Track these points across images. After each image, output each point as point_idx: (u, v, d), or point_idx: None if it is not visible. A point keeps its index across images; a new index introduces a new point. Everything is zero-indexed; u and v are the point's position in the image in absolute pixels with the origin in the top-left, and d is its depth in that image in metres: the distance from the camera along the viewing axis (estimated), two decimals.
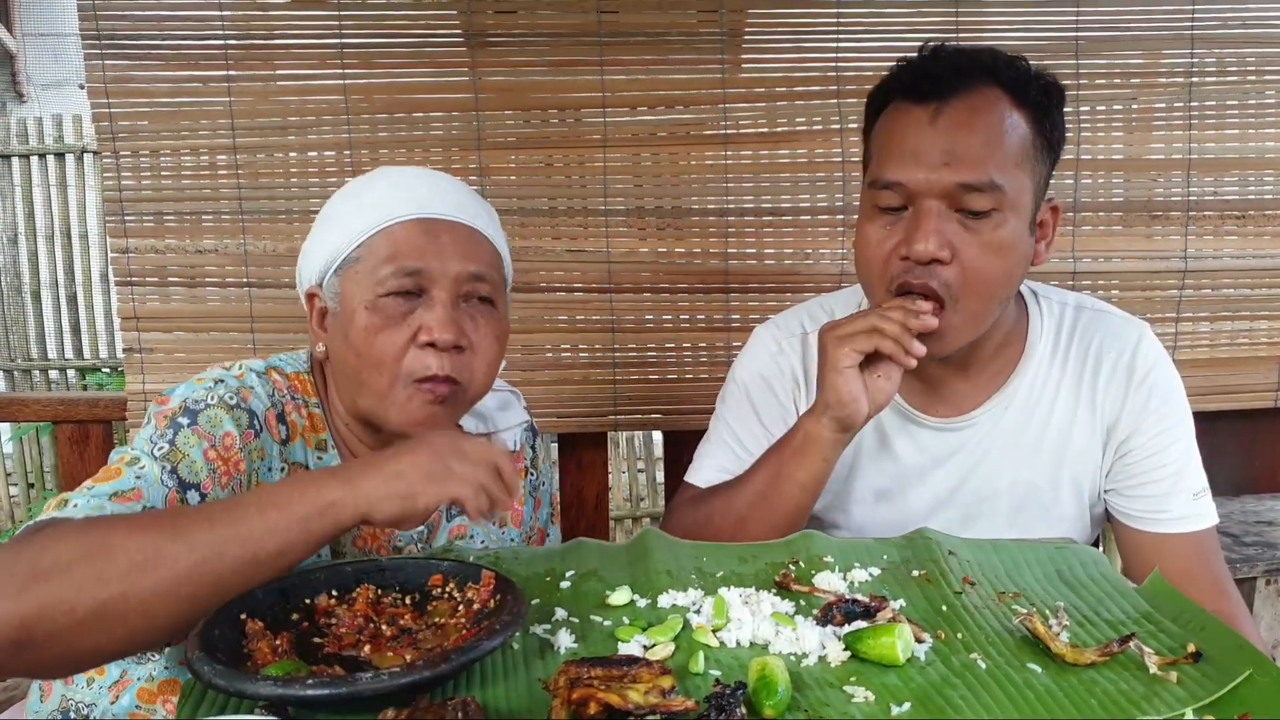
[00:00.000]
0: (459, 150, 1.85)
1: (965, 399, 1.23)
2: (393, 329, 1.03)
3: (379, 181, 1.10)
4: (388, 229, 1.04)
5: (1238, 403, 1.99)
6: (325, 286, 1.08)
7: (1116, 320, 1.25)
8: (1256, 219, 1.95)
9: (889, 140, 1.12)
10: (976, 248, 1.08)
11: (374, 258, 1.04)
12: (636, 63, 1.85)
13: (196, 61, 1.80)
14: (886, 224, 1.12)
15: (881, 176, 1.11)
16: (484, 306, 1.08)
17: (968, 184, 1.06)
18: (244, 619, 0.87)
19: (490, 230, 1.11)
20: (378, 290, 1.03)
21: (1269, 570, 1.85)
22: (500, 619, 0.83)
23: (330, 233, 1.08)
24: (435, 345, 1.02)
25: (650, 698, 0.73)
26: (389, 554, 1.15)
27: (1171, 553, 1.17)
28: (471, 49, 1.83)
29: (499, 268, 1.11)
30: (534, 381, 1.91)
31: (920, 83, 1.10)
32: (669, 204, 1.89)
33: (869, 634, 0.85)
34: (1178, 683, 0.80)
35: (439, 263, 1.04)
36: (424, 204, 1.06)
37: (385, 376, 1.03)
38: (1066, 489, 1.24)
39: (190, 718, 0.78)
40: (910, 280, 1.09)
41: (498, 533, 1.26)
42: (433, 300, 1.04)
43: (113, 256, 1.85)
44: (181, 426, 0.98)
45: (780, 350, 1.31)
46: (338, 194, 1.11)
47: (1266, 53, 1.91)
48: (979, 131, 1.07)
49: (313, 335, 1.11)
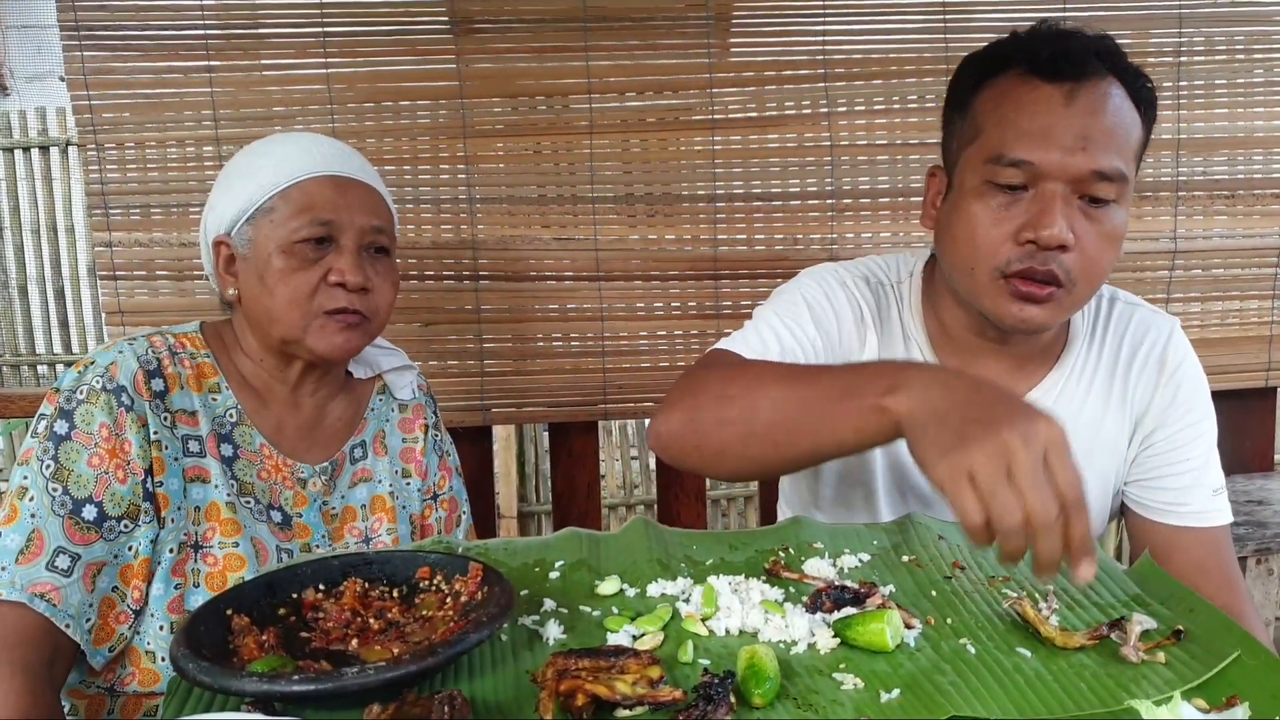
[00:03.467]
0: (445, 138, 1.83)
1: (1010, 384, 1.19)
2: (306, 270, 1.15)
3: (287, 141, 1.21)
4: (302, 183, 1.16)
5: (1228, 383, 2.00)
6: (235, 234, 1.18)
7: (1148, 314, 1.24)
8: (1246, 199, 1.95)
9: (1013, 115, 1.06)
10: (1096, 236, 1.05)
11: (289, 207, 1.15)
12: (622, 48, 1.84)
13: (177, 52, 1.77)
14: (1004, 204, 1.06)
15: (1007, 153, 1.05)
16: (382, 255, 1.22)
17: (1101, 171, 1.03)
18: (230, 615, 0.86)
19: (383, 191, 1.24)
20: (292, 236, 1.14)
21: (1259, 550, 1.86)
22: (487, 611, 0.83)
23: (242, 185, 1.17)
24: (345, 286, 1.15)
25: (638, 688, 0.73)
26: (293, 487, 1.20)
27: (1187, 546, 1.16)
28: (456, 36, 1.81)
29: (392, 225, 1.25)
30: (524, 370, 1.91)
31: (1055, 60, 1.05)
32: (657, 190, 1.88)
33: (858, 620, 0.85)
34: (1166, 665, 0.80)
35: (348, 215, 1.16)
36: (333, 164, 1.18)
37: (300, 310, 1.15)
38: (1094, 480, 1.22)
39: (176, 715, 0.77)
40: (1035, 266, 1.04)
41: (401, 482, 1.31)
42: (341, 248, 1.16)
43: (96, 250, 1.83)
44: (61, 438, 1.06)
45: (845, 284, 1.23)
46: (243, 153, 1.22)
47: (1255, 31, 1.91)
48: (1113, 118, 1.04)
49: (221, 280, 1.20)
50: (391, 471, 1.30)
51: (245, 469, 1.17)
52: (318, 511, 1.22)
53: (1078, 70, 1.04)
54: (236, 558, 1.11)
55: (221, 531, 1.11)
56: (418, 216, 1.85)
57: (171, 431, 1.12)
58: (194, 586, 1.09)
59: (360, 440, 1.28)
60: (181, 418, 1.14)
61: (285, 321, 1.15)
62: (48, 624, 1.00)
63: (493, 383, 1.91)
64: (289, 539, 1.18)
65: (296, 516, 1.20)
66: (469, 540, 1.37)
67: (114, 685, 1.10)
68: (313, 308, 1.15)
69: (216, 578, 1.10)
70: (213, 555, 1.11)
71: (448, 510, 1.37)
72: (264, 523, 1.16)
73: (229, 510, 1.12)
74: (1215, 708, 0.72)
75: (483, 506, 2.02)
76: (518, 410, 1.93)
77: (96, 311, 5.09)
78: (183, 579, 1.09)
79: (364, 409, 1.31)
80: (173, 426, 1.12)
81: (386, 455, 1.30)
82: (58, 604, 1.01)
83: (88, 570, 1.04)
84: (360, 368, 1.33)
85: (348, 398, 1.30)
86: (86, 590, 1.03)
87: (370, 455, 1.29)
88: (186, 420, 1.14)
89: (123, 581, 1.07)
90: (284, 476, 1.20)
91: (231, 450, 1.16)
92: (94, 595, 1.04)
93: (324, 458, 1.24)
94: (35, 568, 1.01)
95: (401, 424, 1.33)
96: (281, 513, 1.18)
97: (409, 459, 1.32)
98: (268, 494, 1.18)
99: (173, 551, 1.09)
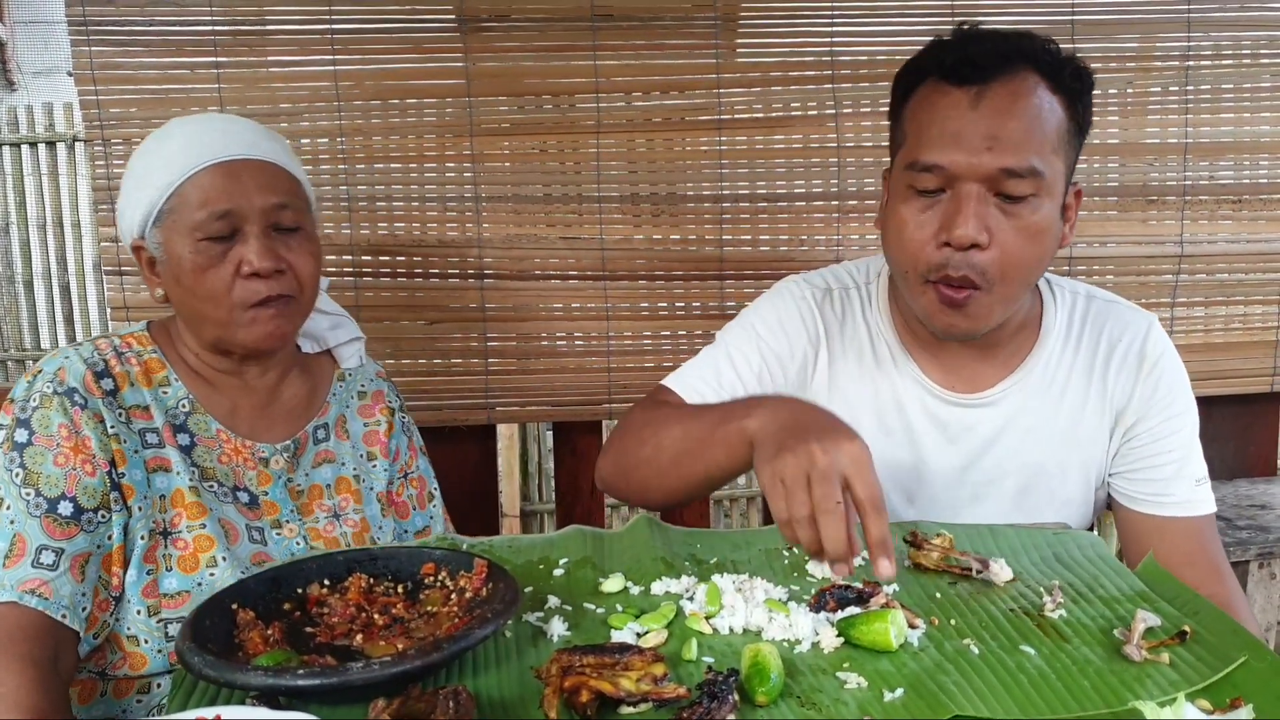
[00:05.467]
0: (451, 137, 1.83)
1: (982, 378, 1.23)
2: (217, 266, 1.13)
3: (174, 134, 1.18)
4: (192, 178, 1.13)
5: (1233, 387, 1.99)
6: (148, 238, 1.17)
7: (1126, 310, 1.26)
8: (1252, 203, 1.95)
9: (927, 121, 1.10)
10: (1014, 232, 1.08)
11: (186, 206, 1.13)
12: (629, 47, 1.84)
13: (184, 48, 1.78)
14: (923, 207, 1.10)
15: (921, 158, 1.09)
16: (293, 231, 1.18)
17: (1010, 169, 1.05)
18: (235, 609, 0.86)
19: (284, 160, 1.20)
20: (196, 235, 1.13)
21: (1262, 554, 1.86)
22: (492, 607, 0.83)
23: (140, 190, 1.16)
24: (259, 274, 1.13)
25: (643, 685, 0.73)
26: (255, 467, 1.21)
27: (1171, 536, 1.18)
28: (464, 34, 1.81)
29: (299, 194, 1.21)
30: (529, 369, 1.91)
31: (960, 65, 1.08)
32: (663, 190, 1.87)
33: (862, 620, 0.85)
34: (1171, 666, 0.80)
35: (245, 201, 1.13)
36: (220, 149, 1.15)
37: (222, 308, 1.14)
38: (1074, 473, 1.25)
39: (181, 709, 0.77)
40: (950, 272, 1.08)
41: (366, 465, 1.31)
42: (247, 235, 1.13)
43: (103, 246, 1.84)
44: (24, 445, 1.08)
45: (800, 302, 1.28)
46: (136, 152, 1.20)
47: (1263, 36, 1.90)
48: (1020, 116, 1.06)
49: (148, 282, 1.20)
50: (355, 455, 1.31)
51: (204, 455, 1.17)
52: (283, 488, 1.22)
53: (984, 73, 1.07)
54: (205, 539, 1.12)
55: (188, 515, 1.12)
56: (423, 214, 1.85)
57: (128, 426, 1.13)
58: (167, 570, 1.11)
59: (323, 422, 1.29)
60: (135, 413, 1.15)
61: (211, 320, 1.15)
62: (43, 618, 1.01)
63: (497, 381, 1.91)
64: (257, 518, 1.18)
65: (263, 495, 1.20)
66: (447, 521, 1.40)
67: (105, 669, 1.11)
68: (233, 303, 1.13)
69: (189, 560, 1.11)
70: (182, 539, 1.12)
71: (418, 488, 1.39)
72: (230, 504, 1.17)
73: (193, 494, 1.13)
74: (1219, 709, 0.72)
75: (486, 505, 2.02)
76: (521, 409, 1.93)
77: (102, 307, 5.11)
78: (155, 564, 1.10)
79: (324, 388, 1.31)
80: (128, 422, 1.13)
81: (349, 439, 1.31)
82: (49, 597, 1.02)
83: (74, 562, 1.05)
84: (307, 342, 1.32)
85: (303, 374, 1.29)
86: (76, 581, 1.04)
87: (333, 438, 1.29)
88: (140, 415, 1.15)
89: (105, 570, 1.09)
90: (245, 458, 1.20)
91: (189, 439, 1.17)
92: (85, 585, 1.05)
93: (285, 436, 1.24)
94: (21, 568, 1.02)
95: (361, 410, 1.34)
96: (248, 493, 1.19)
97: (372, 442, 1.33)
98: (231, 477, 1.18)
99: (143, 539, 1.10)
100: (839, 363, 1.26)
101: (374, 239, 1.85)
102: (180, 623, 1.07)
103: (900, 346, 1.24)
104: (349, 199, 1.84)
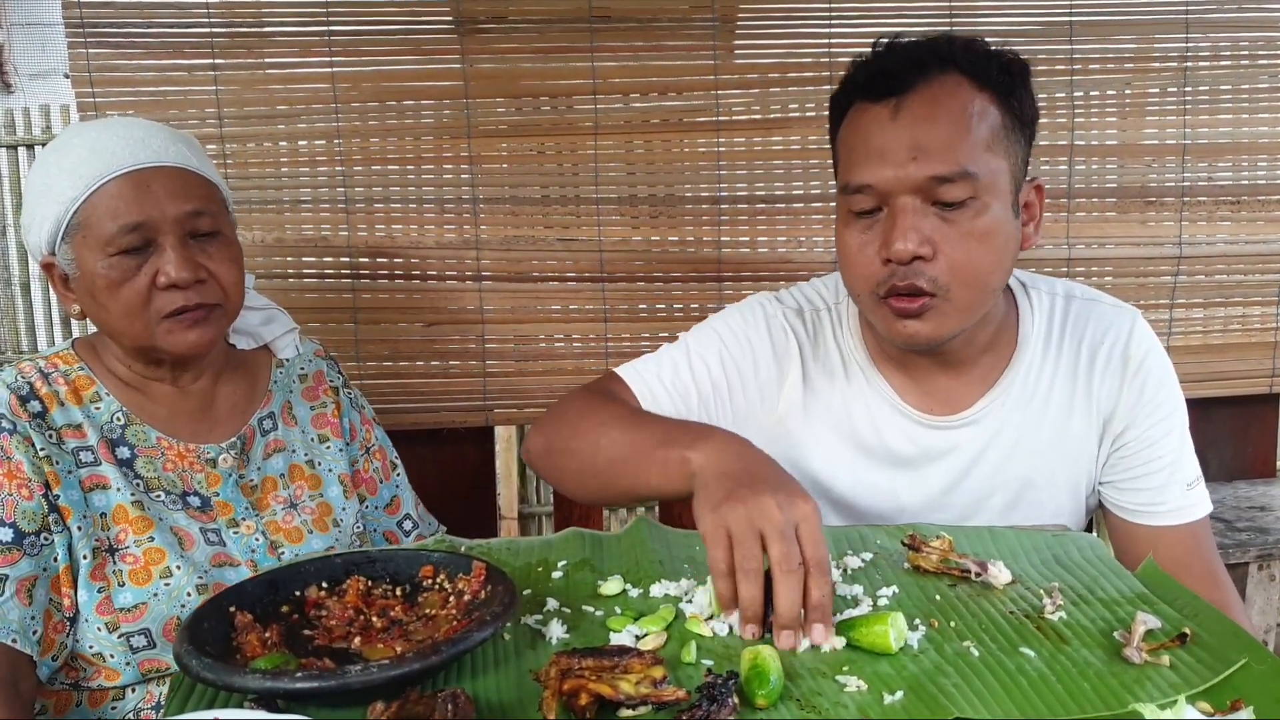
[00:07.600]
0: (449, 139, 1.83)
1: (959, 397, 1.20)
2: (133, 279, 1.10)
3: (75, 144, 1.12)
4: (100, 189, 1.09)
5: (1232, 389, 1.99)
6: (58, 254, 1.13)
7: (1108, 309, 1.23)
8: (1250, 204, 1.95)
9: (854, 142, 1.10)
10: (959, 239, 1.05)
11: (95, 220, 1.09)
12: (627, 49, 1.84)
13: (182, 50, 1.77)
14: (864, 228, 1.10)
15: (851, 180, 1.09)
16: (212, 236, 1.14)
17: (938, 176, 1.04)
18: (233, 612, 0.86)
19: (195, 163, 1.15)
20: (108, 250, 1.09)
21: (1261, 555, 1.86)
22: (491, 610, 0.83)
23: (44, 205, 1.11)
24: (177, 286, 1.10)
25: (642, 688, 0.73)
26: (202, 469, 1.19)
27: (1166, 545, 1.16)
28: (461, 36, 1.81)
29: (215, 198, 1.16)
30: (527, 371, 1.91)
31: (876, 80, 1.08)
32: (661, 192, 1.87)
33: (862, 622, 0.85)
34: (1171, 668, 0.80)
35: (157, 211, 1.09)
36: (127, 157, 1.10)
37: (140, 321, 1.11)
38: (1064, 484, 1.22)
39: (179, 712, 0.77)
40: (897, 284, 1.06)
41: (320, 448, 1.30)
42: (162, 246, 1.10)
43: None
44: None
45: (770, 319, 1.25)
46: (37, 164, 1.15)
47: (1261, 37, 1.91)
48: (942, 121, 1.05)
49: (62, 299, 1.17)
50: (306, 440, 1.29)
51: (147, 466, 1.15)
52: (234, 486, 1.20)
53: (902, 84, 1.06)
54: (155, 551, 1.11)
55: (134, 530, 1.11)
56: (421, 216, 1.85)
57: (59, 447, 1.11)
58: (119, 586, 1.09)
59: (268, 412, 1.27)
60: (67, 432, 1.13)
61: (130, 334, 1.12)
62: None
63: (495, 383, 1.91)
64: (211, 519, 1.17)
65: (214, 496, 1.18)
66: (415, 500, 1.41)
67: (79, 681, 1.11)
68: (151, 315, 1.11)
69: (141, 573, 1.10)
70: (130, 554, 1.10)
71: (380, 459, 1.38)
72: (180, 510, 1.15)
73: (136, 509, 1.12)
74: (1220, 712, 0.72)
75: (484, 507, 2.02)
76: (520, 411, 1.93)
77: None
78: (105, 581, 1.09)
79: (264, 380, 1.29)
80: (59, 443, 1.12)
81: (297, 425, 1.29)
82: None
83: (20, 586, 1.04)
84: (241, 339, 1.30)
85: (238, 372, 1.27)
86: (24, 604, 1.04)
87: (280, 426, 1.27)
88: (72, 434, 1.13)
89: (55, 592, 1.08)
90: (190, 462, 1.18)
91: (129, 451, 1.15)
92: (34, 608, 1.05)
93: (230, 434, 1.22)
94: None
95: (305, 393, 1.32)
96: (198, 496, 1.17)
97: (322, 424, 1.32)
98: (179, 483, 1.17)
99: (86, 558, 1.08)
100: (814, 382, 1.23)
101: (371, 241, 1.85)
102: (143, 634, 1.07)
103: (874, 368, 1.21)
104: (346, 201, 1.83)
